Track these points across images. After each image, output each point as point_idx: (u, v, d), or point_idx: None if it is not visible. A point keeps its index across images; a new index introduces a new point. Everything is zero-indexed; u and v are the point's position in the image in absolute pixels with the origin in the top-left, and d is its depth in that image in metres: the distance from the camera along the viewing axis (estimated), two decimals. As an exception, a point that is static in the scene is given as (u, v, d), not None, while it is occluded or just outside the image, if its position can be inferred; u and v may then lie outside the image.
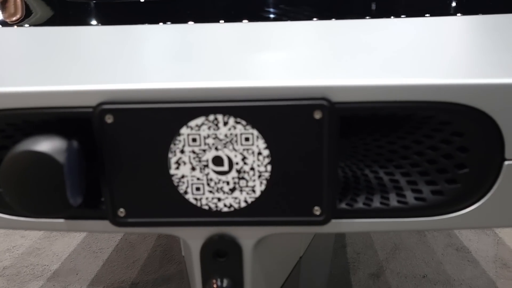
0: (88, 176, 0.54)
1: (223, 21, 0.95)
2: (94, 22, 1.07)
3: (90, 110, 0.50)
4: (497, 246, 1.78)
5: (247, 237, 0.56)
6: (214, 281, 0.56)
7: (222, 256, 0.57)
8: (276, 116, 0.50)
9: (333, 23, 0.89)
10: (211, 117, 0.50)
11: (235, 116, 0.50)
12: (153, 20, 0.97)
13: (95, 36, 0.89)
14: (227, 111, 0.50)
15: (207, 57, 0.64)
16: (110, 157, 0.52)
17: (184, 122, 0.50)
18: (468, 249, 1.75)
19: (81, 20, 1.06)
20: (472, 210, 0.52)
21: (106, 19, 1.07)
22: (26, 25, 1.05)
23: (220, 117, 0.50)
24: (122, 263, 1.76)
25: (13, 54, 0.76)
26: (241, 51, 0.66)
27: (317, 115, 0.49)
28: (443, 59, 0.59)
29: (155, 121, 0.50)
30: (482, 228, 0.57)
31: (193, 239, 0.56)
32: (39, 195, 0.48)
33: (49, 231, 2.06)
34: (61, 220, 0.56)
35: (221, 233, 0.56)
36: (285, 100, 0.49)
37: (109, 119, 0.50)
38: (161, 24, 0.97)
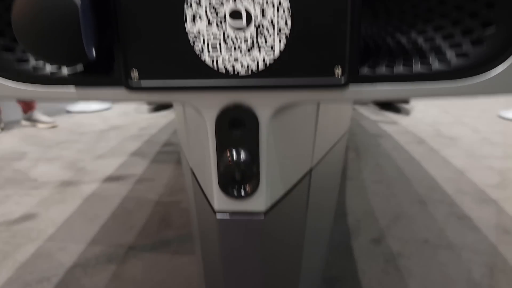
0: (99, 37, 0.52)
1: None
2: None
3: None
4: (499, 214, 1.77)
5: (264, 106, 0.54)
6: (228, 151, 0.54)
7: (237, 127, 0.55)
8: None
9: None
10: None
11: None
12: None
13: None
14: None
15: None
16: (123, 12, 0.50)
17: None
18: (469, 217, 1.74)
19: None
20: (498, 74, 0.50)
21: None
22: None
23: None
24: (118, 228, 1.73)
25: None
26: None
27: None
28: None
29: None
30: (508, 94, 0.55)
31: (208, 108, 0.54)
32: (54, 37, 0.46)
33: (44, 198, 2.03)
34: (72, 89, 0.54)
35: (237, 102, 0.54)
36: None
37: None
38: None
